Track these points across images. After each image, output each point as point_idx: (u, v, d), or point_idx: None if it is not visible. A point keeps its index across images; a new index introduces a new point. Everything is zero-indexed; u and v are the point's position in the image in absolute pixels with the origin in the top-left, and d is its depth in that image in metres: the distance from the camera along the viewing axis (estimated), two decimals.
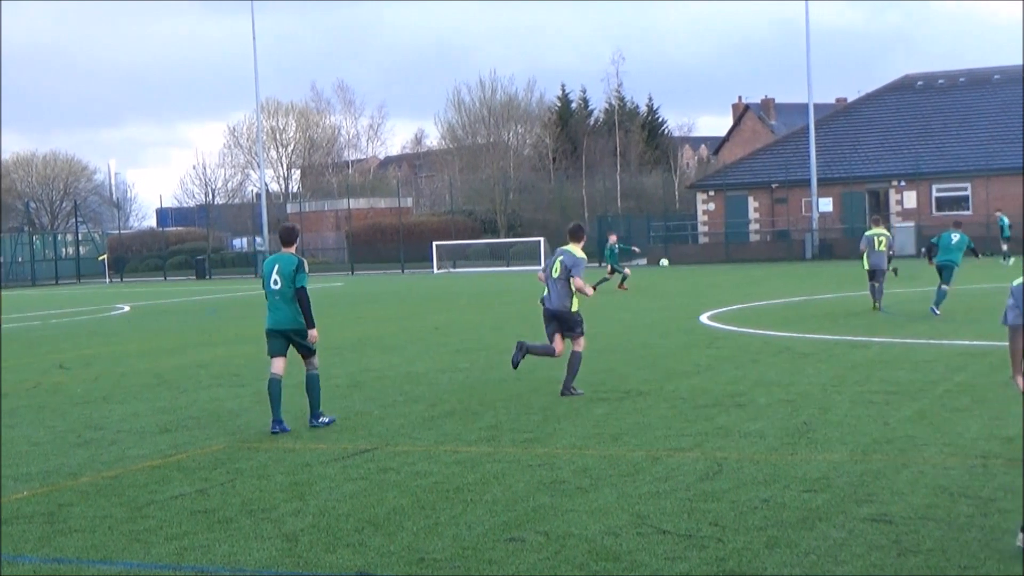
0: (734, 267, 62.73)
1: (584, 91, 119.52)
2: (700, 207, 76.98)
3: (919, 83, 78.87)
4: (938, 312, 26.51)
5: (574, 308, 16.14)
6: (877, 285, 28.95)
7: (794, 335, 22.82)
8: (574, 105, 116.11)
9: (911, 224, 67.75)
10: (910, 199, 70.29)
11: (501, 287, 49.81)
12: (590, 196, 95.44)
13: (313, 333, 13.81)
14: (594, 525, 8.89)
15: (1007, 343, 8.12)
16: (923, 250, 28.82)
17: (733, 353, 20.33)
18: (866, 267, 29.19)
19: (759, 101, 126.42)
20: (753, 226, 74.72)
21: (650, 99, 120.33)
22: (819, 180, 70.37)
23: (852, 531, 8.50)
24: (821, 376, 16.85)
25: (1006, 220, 56.07)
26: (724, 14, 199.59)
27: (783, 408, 14.12)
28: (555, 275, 16.10)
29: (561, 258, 16.14)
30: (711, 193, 76.48)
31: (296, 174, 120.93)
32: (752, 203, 74.73)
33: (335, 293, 50.74)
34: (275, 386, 13.75)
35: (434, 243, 76.03)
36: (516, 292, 44.28)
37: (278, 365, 13.86)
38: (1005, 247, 54.43)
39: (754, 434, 12.50)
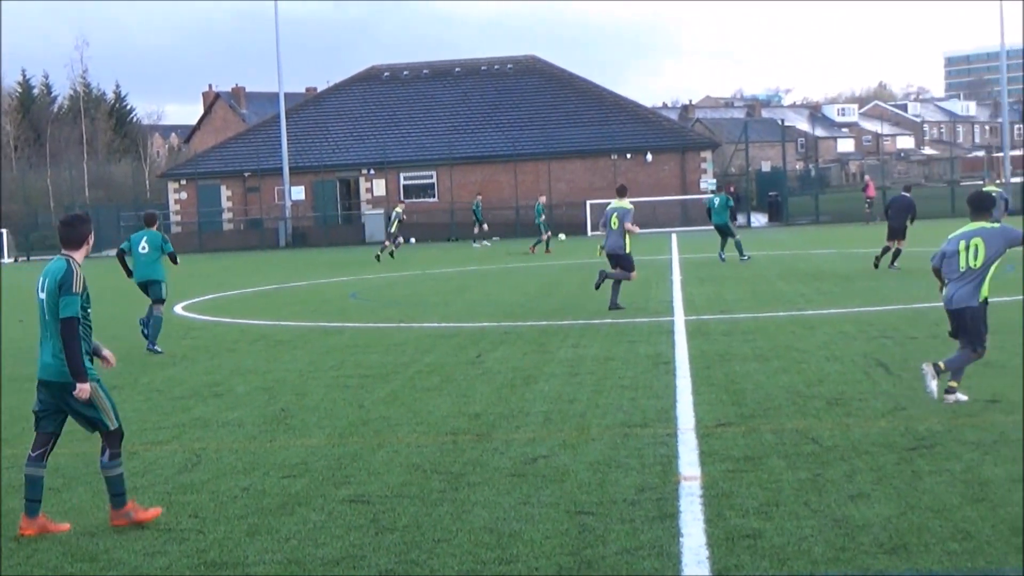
0: (208, 256, 62.14)
1: (47, 77, 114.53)
2: (172, 196, 75.62)
3: (385, 74, 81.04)
4: (747, 258, 34.17)
5: (627, 249, 21.90)
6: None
7: (270, 323, 22.93)
8: (36, 91, 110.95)
9: (381, 211, 69.64)
10: (379, 187, 72.21)
11: None
12: (56, 186, 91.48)
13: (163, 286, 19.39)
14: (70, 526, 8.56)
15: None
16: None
17: (209, 343, 20.17)
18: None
19: (230, 89, 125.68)
20: (227, 215, 74.29)
21: (117, 86, 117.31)
22: (291, 169, 70.87)
23: (331, 513, 8.65)
24: (297, 362, 17.02)
25: (479, 205, 57.63)
26: (191, 2, 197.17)
27: (261, 396, 14.15)
28: (614, 227, 21.85)
29: (616, 213, 21.82)
30: (183, 182, 75.30)
31: None
32: (225, 192, 74.25)
33: None
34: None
35: None
36: None
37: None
38: (476, 230, 56.12)
39: (232, 423, 12.46)
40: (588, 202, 65.70)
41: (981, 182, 53.01)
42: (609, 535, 7.81)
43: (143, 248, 19.32)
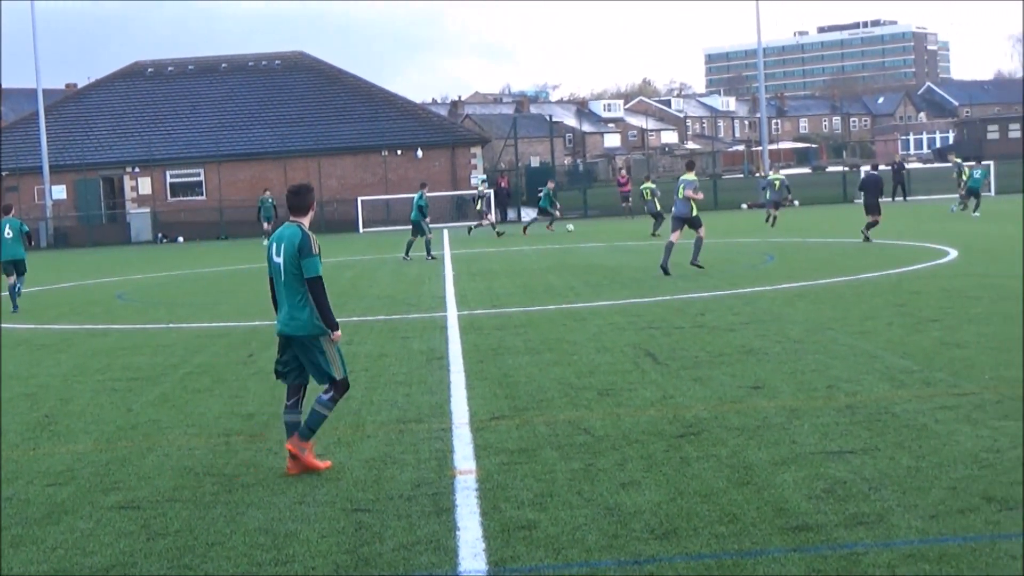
0: None
1: None
2: None
3: (149, 70, 79.17)
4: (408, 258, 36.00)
5: (694, 213, 25.49)
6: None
7: (32, 326, 22.16)
8: None
9: (147, 210, 68.07)
10: (145, 185, 70.52)
11: None
12: None
13: None
14: None
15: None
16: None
17: None
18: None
19: None
20: None
21: None
22: (52, 167, 68.65)
23: (100, 520, 8.42)
24: (62, 367, 16.50)
25: (270, 200, 56.35)
26: None
27: (23, 402, 13.67)
28: (680, 196, 25.64)
29: (683, 183, 25.61)
30: None
31: None
32: None
33: None
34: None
35: None
36: None
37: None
38: (266, 226, 55.05)
39: None
40: (360, 199, 65.47)
41: (769, 172, 55.46)
42: (386, 531, 7.80)
43: (8, 233, 24.60)
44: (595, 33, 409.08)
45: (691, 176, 26.02)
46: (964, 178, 48.82)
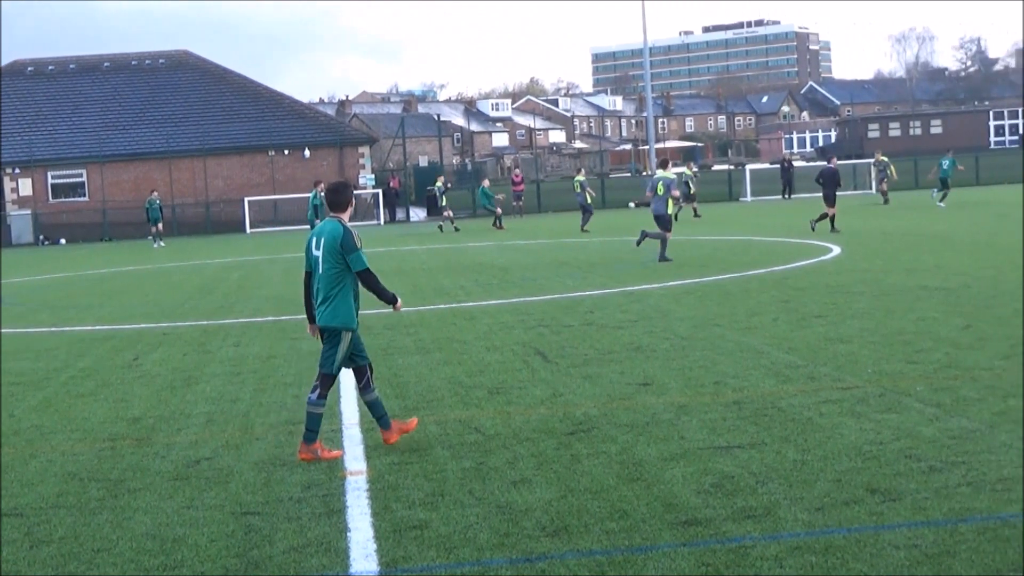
0: None
1: None
2: None
3: (29, 69, 77.63)
4: None
5: (670, 211, 26.37)
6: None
7: None
8: None
9: (28, 212, 66.74)
10: (25, 187, 69.14)
11: None
12: None
13: None
14: None
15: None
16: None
17: None
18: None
19: None
20: None
21: None
22: None
23: None
24: None
25: (157, 201, 55.16)
26: None
27: None
28: (660, 193, 25.97)
29: (662, 181, 26.07)
30: None
31: None
32: None
33: None
34: None
35: None
36: None
37: None
38: (154, 229, 53.76)
39: None
40: (246, 199, 64.82)
41: (683, 169, 55.87)
42: (276, 534, 7.74)
43: None
44: (482, 32, 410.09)
45: (671, 174, 27.16)
46: (892, 175, 50.41)
